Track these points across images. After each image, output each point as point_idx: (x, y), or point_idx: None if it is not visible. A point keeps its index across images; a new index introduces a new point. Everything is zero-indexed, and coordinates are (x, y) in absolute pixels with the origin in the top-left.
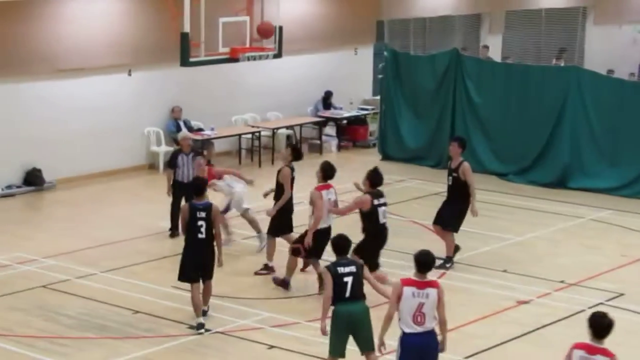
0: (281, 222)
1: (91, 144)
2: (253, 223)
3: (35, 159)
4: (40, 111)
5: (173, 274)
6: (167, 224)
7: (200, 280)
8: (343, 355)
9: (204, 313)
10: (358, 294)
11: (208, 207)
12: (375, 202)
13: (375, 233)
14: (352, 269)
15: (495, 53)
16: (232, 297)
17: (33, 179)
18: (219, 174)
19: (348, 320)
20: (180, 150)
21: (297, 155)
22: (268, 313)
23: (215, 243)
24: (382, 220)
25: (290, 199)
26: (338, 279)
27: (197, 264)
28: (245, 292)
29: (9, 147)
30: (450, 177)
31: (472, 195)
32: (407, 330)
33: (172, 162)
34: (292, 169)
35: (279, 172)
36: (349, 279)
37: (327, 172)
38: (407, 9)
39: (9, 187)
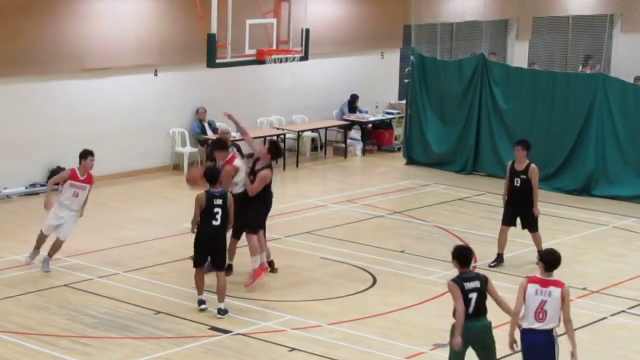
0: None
1: (116, 144)
2: None
3: (60, 158)
4: (66, 110)
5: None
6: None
7: (216, 275)
8: None
9: (223, 312)
10: (481, 310)
11: (224, 195)
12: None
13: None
14: (477, 284)
15: (522, 59)
16: (254, 299)
17: None
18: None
19: (471, 338)
20: None
21: (276, 153)
22: (290, 316)
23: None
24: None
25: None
26: (464, 295)
27: (210, 250)
28: (267, 294)
29: (33, 146)
30: (519, 180)
31: (536, 195)
32: (526, 326)
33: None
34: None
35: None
36: (473, 295)
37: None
38: (434, 13)
39: (33, 185)
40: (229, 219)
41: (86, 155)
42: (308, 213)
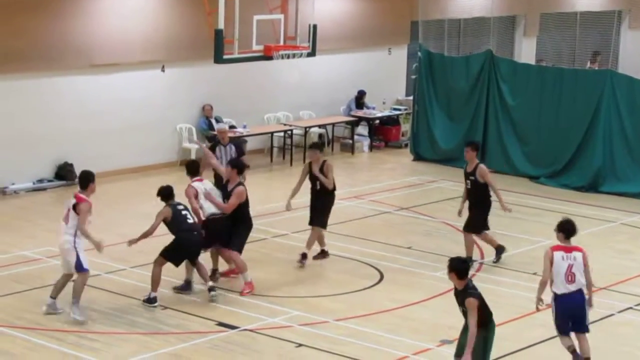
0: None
1: (123, 139)
2: None
3: (67, 154)
4: (73, 106)
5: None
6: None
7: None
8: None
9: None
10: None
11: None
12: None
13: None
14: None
15: (529, 55)
16: (261, 295)
17: (64, 174)
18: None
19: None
20: (219, 142)
21: (236, 166)
22: (297, 311)
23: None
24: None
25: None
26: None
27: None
28: (274, 290)
29: (41, 141)
30: (469, 181)
31: (496, 193)
32: (560, 292)
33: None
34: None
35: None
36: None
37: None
38: (442, 9)
39: (40, 181)
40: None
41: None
42: None
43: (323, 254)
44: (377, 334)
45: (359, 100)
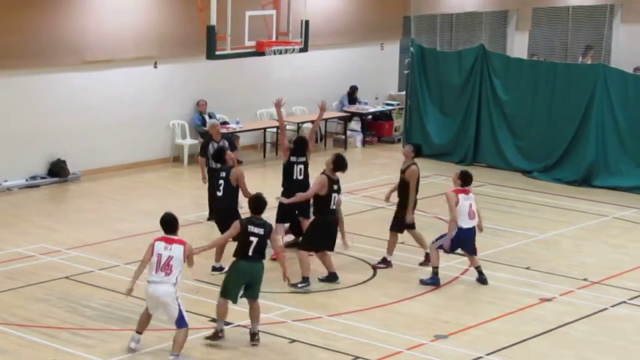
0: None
1: (116, 136)
2: None
3: (60, 150)
4: (66, 102)
5: (196, 267)
6: (191, 217)
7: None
8: None
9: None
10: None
11: (228, 169)
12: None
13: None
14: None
15: (521, 50)
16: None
17: (57, 170)
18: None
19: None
20: (211, 139)
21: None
22: (290, 307)
23: None
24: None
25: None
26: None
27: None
28: (267, 286)
29: (33, 138)
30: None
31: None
32: (465, 226)
33: (203, 151)
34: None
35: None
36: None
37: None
38: (434, 4)
39: (33, 177)
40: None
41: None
42: None
43: (427, 258)
44: (371, 329)
45: (352, 95)
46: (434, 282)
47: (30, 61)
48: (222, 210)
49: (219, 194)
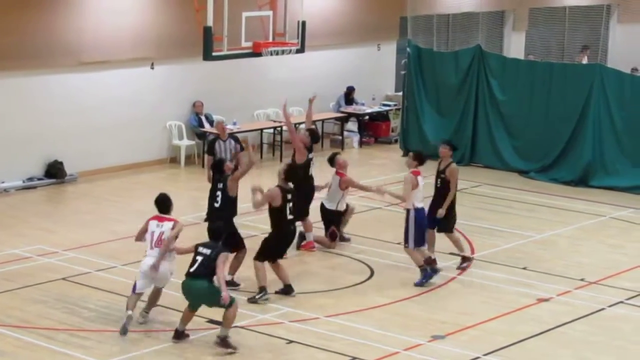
0: None
1: (113, 137)
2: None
3: (57, 152)
4: (63, 103)
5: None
6: (188, 218)
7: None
8: None
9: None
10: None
11: (225, 180)
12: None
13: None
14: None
15: (518, 50)
16: (251, 291)
17: (54, 172)
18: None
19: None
20: (218, 137)
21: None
22: (288, 308)
23: None
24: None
25: None
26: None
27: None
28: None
29: (30, 139)
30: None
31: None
32: (419, 206)
33: (210, 150)
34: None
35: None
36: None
37: None
38: (430, 5)
39: (30, 179)
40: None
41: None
42: None
43: (465, 260)
44: (367, 329)
45: (349, 96)
46: (427, 277)
47: (27, 62)
48: (216, 223)
49: (216, 205)
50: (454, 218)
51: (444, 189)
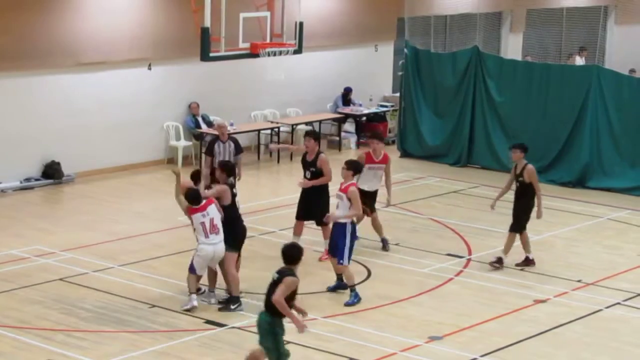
0: None
1: (110, 137)
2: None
3: (54, 152)
4: (60, 104)
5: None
6: (185, 219)
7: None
8: None
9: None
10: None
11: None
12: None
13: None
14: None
15: (515, 51)
16: (249, 292)
17: (52, 172)
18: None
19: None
20: (217, 138)
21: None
22: None
23: None
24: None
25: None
26: None
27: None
28: (262, 288)
29: (28, 140)
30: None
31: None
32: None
33: (209, 150)
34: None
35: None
36: None
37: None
38: (428, 6)
39: (27, 179)
40: None
41: None
42: None
43: (526, 262)
44: (364, 330)
45: (346, 97)
46: (356, 300)
47: (24, 63)
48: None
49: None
50: (528, 218)
51: (524, 192)
